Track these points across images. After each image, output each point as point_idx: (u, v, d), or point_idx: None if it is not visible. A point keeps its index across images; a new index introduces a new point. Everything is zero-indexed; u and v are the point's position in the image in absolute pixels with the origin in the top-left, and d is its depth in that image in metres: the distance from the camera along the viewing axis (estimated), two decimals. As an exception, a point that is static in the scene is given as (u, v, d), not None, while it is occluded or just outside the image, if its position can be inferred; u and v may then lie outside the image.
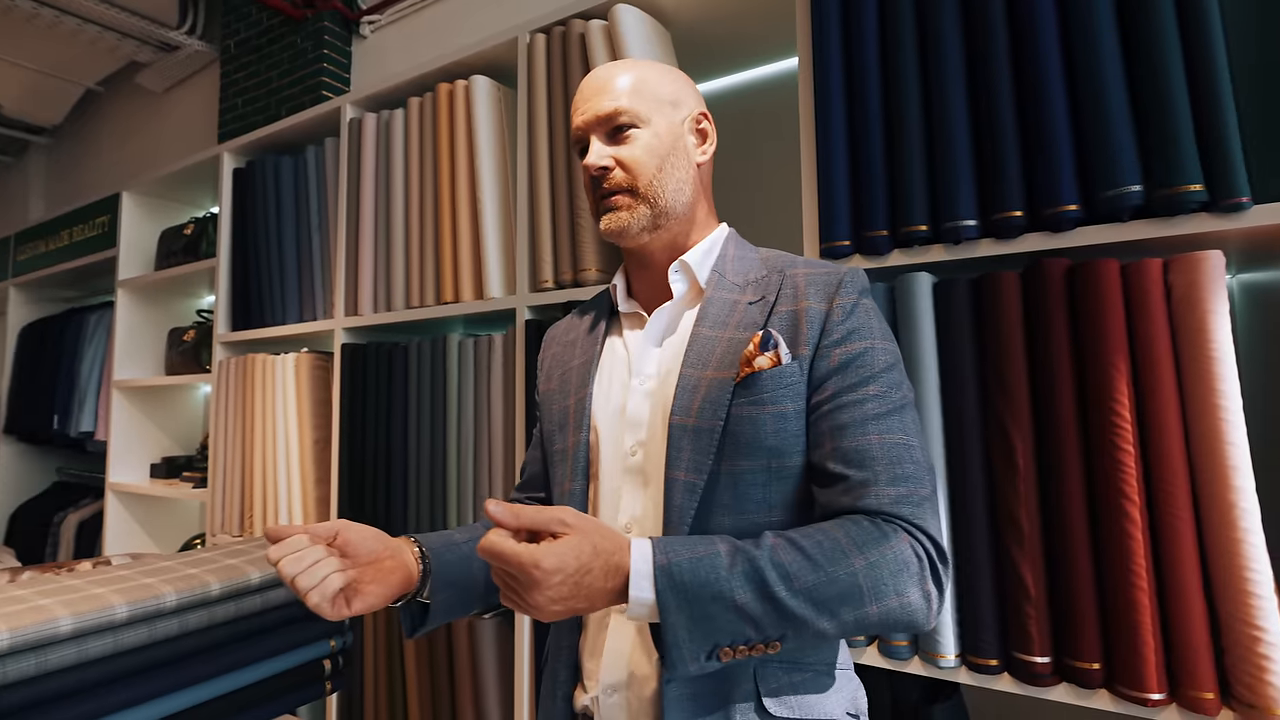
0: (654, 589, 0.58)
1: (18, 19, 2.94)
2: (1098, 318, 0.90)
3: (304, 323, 1.93)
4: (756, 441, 0.69)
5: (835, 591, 0.59)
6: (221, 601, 0.72)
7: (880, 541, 0.61)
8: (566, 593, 0.56)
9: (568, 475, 0.79)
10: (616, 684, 0.72)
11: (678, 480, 0.69)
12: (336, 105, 1.87)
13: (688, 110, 0.81)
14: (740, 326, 0.73)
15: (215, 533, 2.12)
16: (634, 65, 0.80)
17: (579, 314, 0.93)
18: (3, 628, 0.55)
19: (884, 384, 0.69)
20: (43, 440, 3.11)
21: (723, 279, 0.79)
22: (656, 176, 0.77)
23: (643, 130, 0.77)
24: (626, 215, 0.77)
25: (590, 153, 0.78)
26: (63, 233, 3.01)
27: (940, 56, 1.04)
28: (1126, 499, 0.86)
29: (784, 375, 0.70)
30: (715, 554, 0.60)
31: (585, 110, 0.79)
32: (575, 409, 0.81)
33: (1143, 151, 0.90)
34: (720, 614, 0.58)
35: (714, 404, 0.70)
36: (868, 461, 0.65)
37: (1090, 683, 0.89)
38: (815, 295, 0.73)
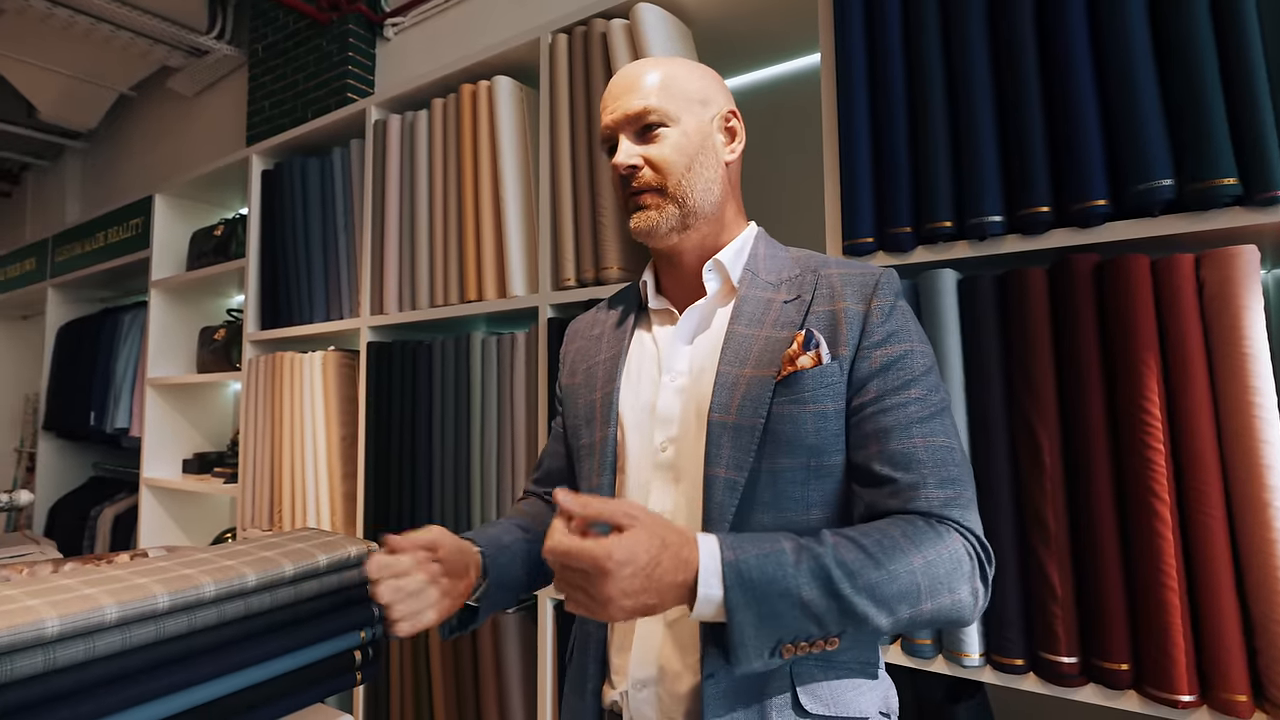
0: (722, 585, 0.58)
1: (54, 26, 3.03)
2: (1127, 314, 0.89)
3: (331, 321, 1.97)
4: (797, 440, 0.69)
5: (896, 589, 0.60)
6: (257, 592, 0.74)
7: (936, 541, 0.63)
8: (638, 586, 0.55)
9: (595, 470, 0.79)
10: (646, 679, 0.72)
11: (718, 477, 0.69)
12: (361, 107, 1.91)
13: (717, 108, 0.80)
14: (777, 325, 0.74)
15: (246, 527, 2.17)
16: (663, 62, 0.80)
17: (603, 309, 0.93)
18: (54, 614, 0.57)
19: (925, 387, 0.70)
20: (80, 436, 3.20)
21: (755, 277, 0.79)
22: (685, 176, 0.77)
23: (672, 129, 0.77)
24: (655, 215, 0.77)
25: (619, 151, 0.78)
26: (98, 235, 3.10)
27: (965, 48, 1.03)
28: (1156, 498, 0.85)
29: (825, 375, 0.70)
30: (781, 550, 0.60)
31: (614, 109, 0.78)
32: (602, 404, 0.81)
33: (1174, 144, 0.88)
34: (786, 610, 0.58)
35: (755, 401, 0.70)
36: (914, 464, 0.66)
37: (1118, 683, 0.88)
38: (852, 296, 0.73)
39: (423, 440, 1.67)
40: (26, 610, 0.57)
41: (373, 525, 1.77)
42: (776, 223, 1.56)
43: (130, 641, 0.62)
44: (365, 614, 0.86)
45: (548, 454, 0.97)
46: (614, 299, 0.93)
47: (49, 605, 0.58)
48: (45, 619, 0.57)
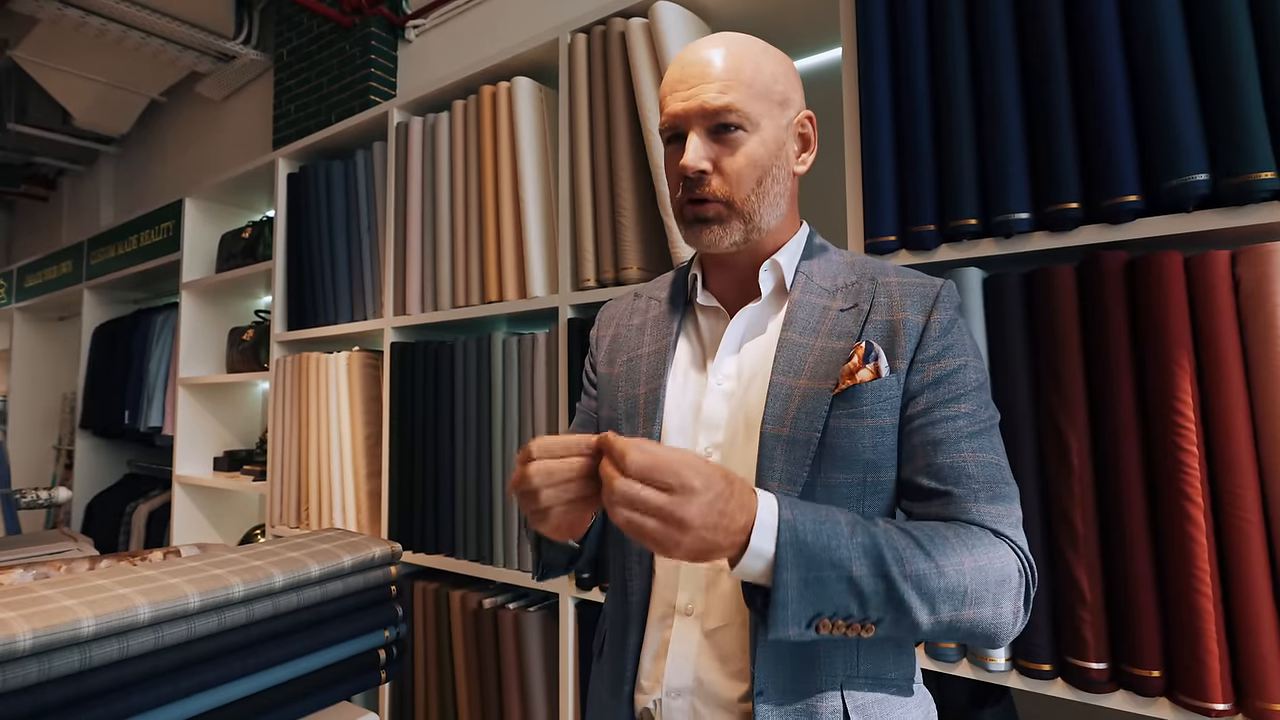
0: (775, 541, 0.55)
1: (88, 35, 3.11)
2: (1159, 313, 0.87)
3: (355, 322, 2.00)
4: (854, 455, 0.67)
5: (942, 585, 0.58)
6: (284, 592, 0.75)
7: (991, 549, 0.61)
8: (714, 518, 0.53)
9: None
10: (681, 688, 0.70)
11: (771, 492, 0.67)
12: (384, 110, 1.93)
13: (794, 111, 0.73)
14: (833, 335, 0.70)
15: (274, 523, 2.21)
16: (745, 46, 0.71)
17: (642, 296, 0.88)
18: (89, 614, 0.59)
19: (975, 402, 0.68)
20: (115, 435, 3.29)
21: (809, 281, 0.75)
22: (755, 191, 0.70)
23: (750, 135, 0.69)
24: (720, 230, 0.71)
25: (689, 150, 0.69)
26: (131, 238, 3.18)
27: (990, 39, 1.01)
28: (1189, 500, 0.83)
29: (884, 388, 0.68)
30: (837, 522, 0.58)
31: (689, 96, 0.69)
32: (647, 400, 0.77)
33: (1209, 137, 0.86)
34: (833, 582, 0.56)
35: (810, 415, 0.67)
36: (964, 479, 0.65)
37: (1149, 691, 0.86)
38: (913, 307, 0.70)
39: (445, 439, 1.69)
40: (63, 610, 0.59)
41: (397, 522, 1.79)
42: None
43: (162, 641, 0.64)
44: (389, 613, 0.87)
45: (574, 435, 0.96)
46: (653, 288, 0.88)
47: (85, 605, 0.60)
48: (81, 619, 0.58)
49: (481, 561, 1.60)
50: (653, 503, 0.52)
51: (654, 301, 0.85)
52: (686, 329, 0.81)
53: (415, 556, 1.73)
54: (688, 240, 0.74)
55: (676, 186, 0.73)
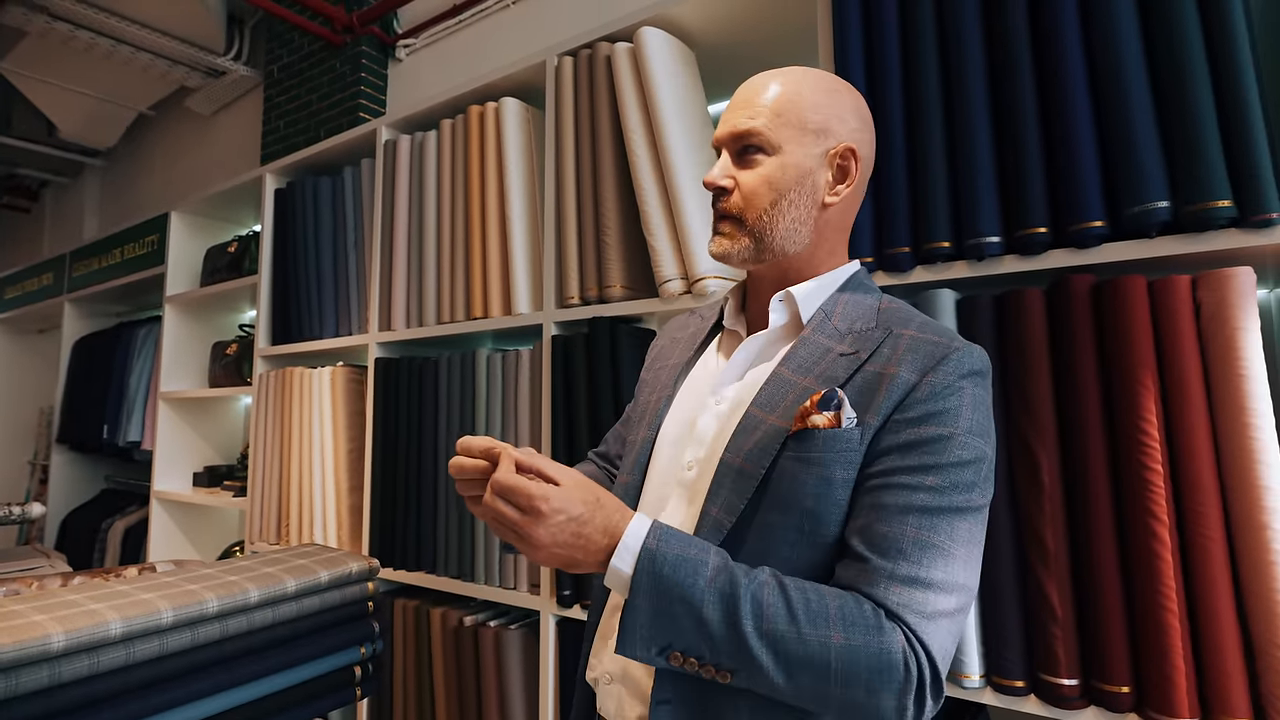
0: (633, 567, 0.59)
1: (76, 49, 3.11)
2: (1125, 335, 0.89)
3: (340, 337, 2.00)
4: (793, 498, 0.65)
5: (802, 653, 0.56)
6: (260, 608, 0.75)
7: (869, 631, 0.57)
8: (565, 538, 0.59)
9: (628, 468, 0.81)
10: (614, 673, 0.74)
11: (709, 515, 0.68)
12: (372, 128, 1.94)
13: (833, 142, 0.73)
14: (822, 378, 0.68)
15: (254, 540, 2.18)
16: (792, 78, 0.74)
17: (695, 314, 0.93)
18: (59, 629, 0.59)
19: (946, 479, 0.61)
20: (92, 449, 3.24)
21: (826, 321, 0.73)
22: (768, 212, 0.72)
23: (770, 158, 0.72)
24: (729, 244, 0.74)
25: (715, 166, 0.75)
26: (115, 250, 3.16)
27: (962, 72, 1.04)
28: (1155, 519, 0.85)
29: (839, 439, 0.64)
30: (703, 561, 0.60)
31: (726, 121, 0.75)
32: (654, 407, 0.82)
33: (1169, 167, 0.89)
34: (683, 618, 0.58)
35: (763, 451, 0.67)
36: (892, 551, 0.59)
37: (1119, 706, 0.87)
38: (910, 364, 0.65)
39: (429, 455, 1.69)
40: (33, 625, 0.58)
41: (378, 539, 1.78)
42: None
43: (134, 657, 0.64)
44: (366, 629, 0.87)
45: (612, 433, 1.00)
46: (709, 306, 0.93)
47: (55, 620, 0.60)
48: (51, 634, 0.58)
49: (462, 579, 1.59)
50: (507, 517, 0.58)
51: (699, 319, 0.90)
52: (711, 347, 0.84)
53: (396, 573, 1.71)
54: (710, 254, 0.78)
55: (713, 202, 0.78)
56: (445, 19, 2.46)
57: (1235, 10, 0.85)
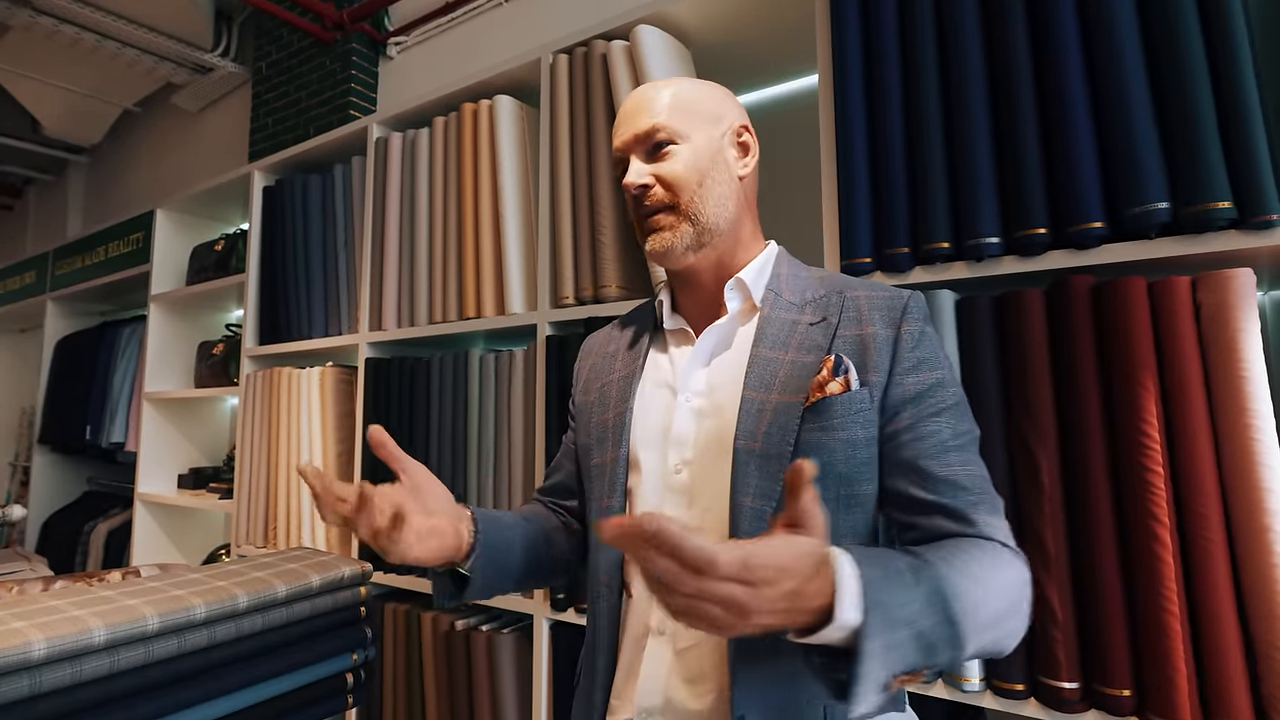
0: (861, 610, 0.48)
1: (60, 43, 3.06)
2: (1125, 336, 0.89)
3: (329, 337, 1.97)
4: (826, 468, 0.66)
5: (991, 611, 0.57)
6: (249, 614, 0.73)
7: (1011, 565, 0.62)
8: (782, 604, 0.46)
9: (605, 492, 0.78)
10: (652, 708, 0.69)
11: (744, 506, 0.67)
12: (364, 125, 1.92)
13: (728, 123, 0.79)
14: (803, 349, 0.72)
15: (240, 543, 2.15)
16: (673, 82, 0.79)
17: (619, 326, 0.92)
18: (40, 637, 0.57)
19: (956, 416, 0.69)
20: (75, 451, 3.19)
21: (779, 297, 0.76)
22: (697, 192, 0.75)
23: (682, 146, 0.75)
24: (670, 235, 0.75)
25: (629, 171, 0.76)
26: (99, 249, 3.11)
27: (962, 71, 1.04)
28: (1156, 520, 0.85)
29: (854, 401, 0.68)
30: (899, 570, 0.53)
31: (624, 130, 0.78)
32: (614, 424, 0.79)
33: (1169, 168, 0.89)
34: (908, 643, 0.50)
35: (782, 429, 0.68)
36: (960, 491, 0.65)
37: (1120, 710, 0.87)
38: (880, 321, 0.71)
39: (419, 457, 1.66)
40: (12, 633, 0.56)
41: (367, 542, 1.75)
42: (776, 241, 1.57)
43: (118, 665, 0.61)
44: (358, 635, 0.85)
45: (556, 467, 0.96)
46: (629, 317, 0.92)
47: (36, 627, 0.57)
48: (32, 641, 0.56)
49: (455, 582, 1.57)
50: (727, 596, 0.45)
51: (627, 329, 0.89)
52: (654, 352, 0.83)
53: (386, 577, 1.69)
54: (648, 256, 0.78)
55: (632, 210, 0.79)
56: (437, 17, 2.43)
57: (1235, 10, 0.85)
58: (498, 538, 0.76)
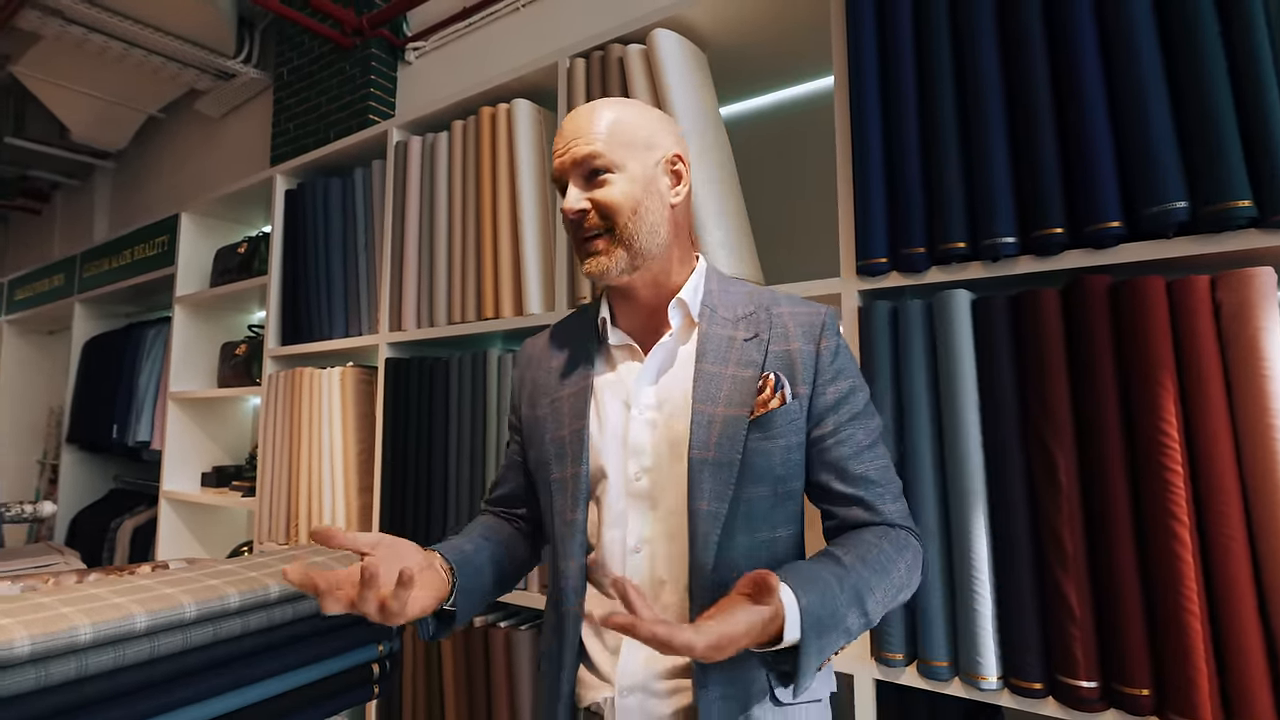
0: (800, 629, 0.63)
1: (89, 51, 3.13)
2: (1143, 336, 0.89)
3: (350, 338, 2.00)
4: (768, 471, 0.79)
5: (893, 590, 0.74)
6: (279, 604, 0.75)
7: (907, 547, 0.78)
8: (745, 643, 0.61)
9: (569, 505, 0.83)
10: (633, 686, 0.78)
11: (701, 510, 0.77)
12: (384, 129, 1.95)
13: (662, 152, 0.84)
14: (740, 364, 0.81)
15: (263, 540, 2.19)
16: (612, 106, 0.83)
17: (555, 338, 0.96)
18: (87, 622, 0.59)
19: (866, 416, 0.83)
20: (102, 449, 3.26)
21: (714, 314, 0.85)
22: (631, 220, 0.80)
23: (617, 175, 0.80)
24: (605, 260, 0.80)
25: (568, 197, 0.81)
26: (125, 252, 3.18)
27: (977, 70, 1.04)
28: (1176, 520, 0.84)
29: (789, 413, 0.80)
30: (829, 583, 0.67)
31: (562, 152, 0.82)
32: (572, 441, 0.85)
33: (1188, 167, 0.89)
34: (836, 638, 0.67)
35: (730, 439, 0.78)
36: (871, 485, 0.80)
37: (1140, 710, 0.87)
38: (803, 337, 0.83)
39: (439, 456, 1.69)
40: (61, 617, 0.59)
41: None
42: (790, 244, 1.58)
43: (158, 650, 0.64)
44: (383, 628, 0.87)
45: (504, 479, 1.00)
46: (565, 328, 0.96)
47: (82, 612, 0.60)
48: (79, 625, 0.58)
49: (473, 579, 1.59)
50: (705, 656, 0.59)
51: (567, 343, 0.93)
52: (601, 368, 0.89)
53: (406, 574, 1.71)
54: (586, 275, 0.84)
55: (569, 231, 0.84)
56: (454, 22, 2.47)
57: (1255, 6, 0.85)
58: (470, 569, 0.82)
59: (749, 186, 1.56)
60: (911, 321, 1.08)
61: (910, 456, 1.06)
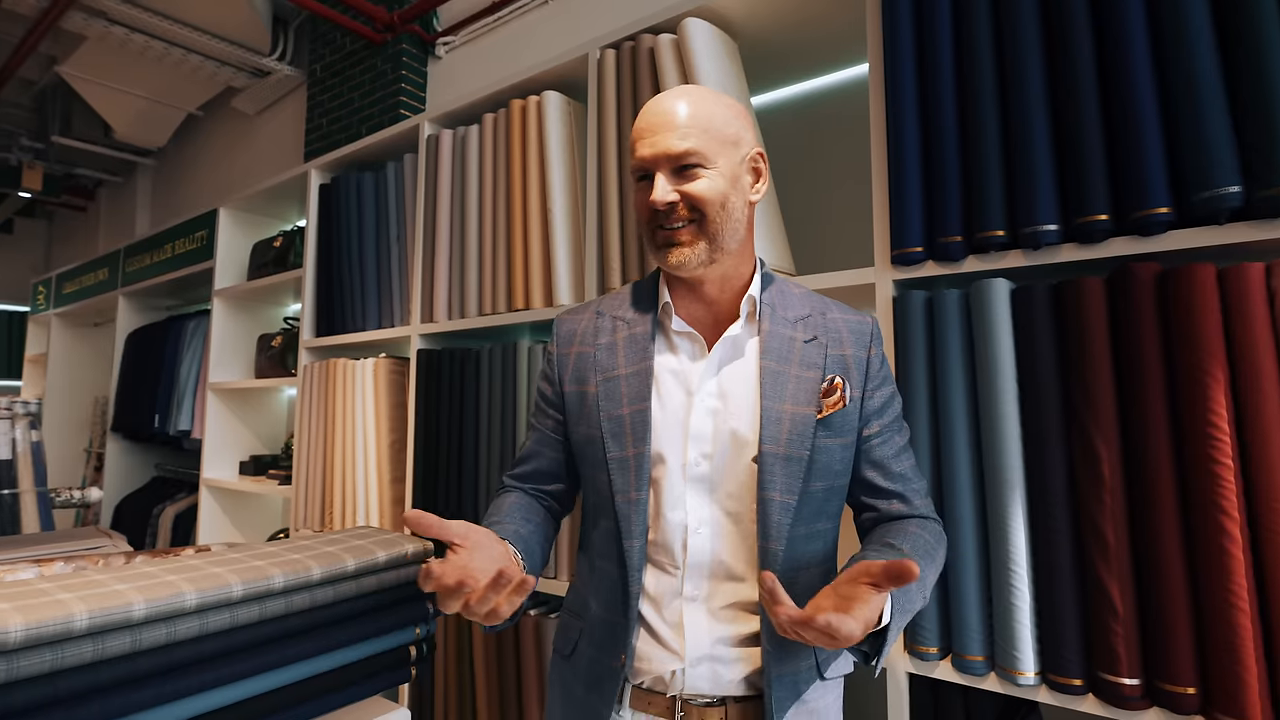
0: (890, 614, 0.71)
1: (131, 52, 3.22)
2: (1192, 325, 0.86)
3: (382, 329, 2.03)
4: (829, 467, 0.84)
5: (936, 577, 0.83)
6: (322, 585, 0.77)
7: (942, 538, 0.87)
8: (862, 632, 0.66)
9: (632, 485, 0.84)
10: (702, 656, 0.81)
11: (774, 500, 0.81)
12: (415, 123, 1.97)
13: (747, 149, 0.85)
14: (803, 364, 0.86)
15: (298, 527, 2.24)
16: (701, 99, 0.83)
17: (602, 317, 0.94)
18: (140, 598, 0.61)
19: (901, 421, 0.91)
20: (144, 438, 3.36)
21: (775, 313, 0.88)
22: (719, 214, 0.81)
23: (710, 170, 0.81)
24: (689, 251, 0.82)
25: (657, 188, 0.81)
26: (166, 246, 3.27)
27: (1018, 50, 1.02)
28: (1225, 515, 0.82)
29: (849, 414, 0.86)
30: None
31: (654, 144, 0.81)
32: (635, 421, 0.85)
33: (1241, 149, 0.86)
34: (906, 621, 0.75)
35: (800, 436, 0.83)
36: (907, 482, 0.88)
37: (1184, 708, 0.85)
38: (856, 344, 0.89)
39: (470, 445, 1.71)
40: (115, 594, 0.61)
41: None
42: (822, 234, 1.56)
43: (207, 627, 0.66)
44: (421, 610, 0.88)
45: (534, 453, 0.97)
46: (615, 306, 0.95)
47: (136, 590, 0.62)
48: (133, 602, 0.60)
49: (503, 567, 1.61)
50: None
51: (620, 322, 0.93)
52: (664, 350, 0.89)
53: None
54: (659, 262, 0.85)
55: (645, 218, 0.85)
56: (484, 16, 2.48)
57: (1316, -15, 0.82)
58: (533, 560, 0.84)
59: (780, 177, 1.55)
60: (948, 311, 1.06)
61: (946, 448, 1.04)
